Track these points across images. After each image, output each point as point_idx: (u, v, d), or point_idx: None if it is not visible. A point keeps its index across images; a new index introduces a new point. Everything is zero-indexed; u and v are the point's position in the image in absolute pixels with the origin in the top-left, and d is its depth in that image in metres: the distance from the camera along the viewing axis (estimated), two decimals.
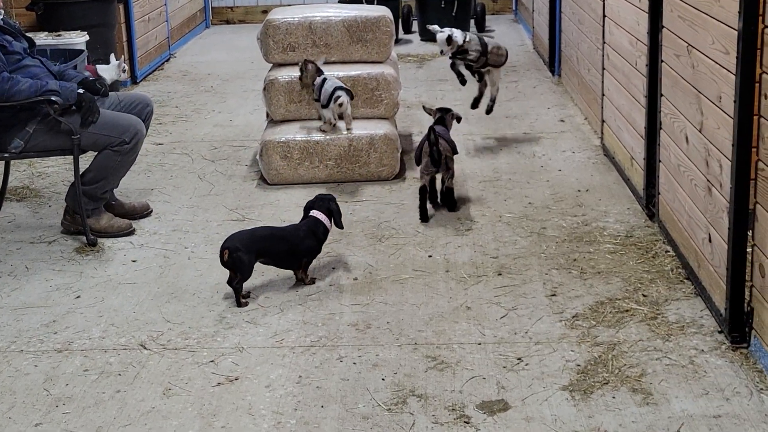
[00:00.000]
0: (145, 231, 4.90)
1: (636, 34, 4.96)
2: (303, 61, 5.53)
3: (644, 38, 4.76)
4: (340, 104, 5.38)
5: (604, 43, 5.76)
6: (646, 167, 4.81)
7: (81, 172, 4.73)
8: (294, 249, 4.13)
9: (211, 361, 3.58)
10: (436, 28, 5.87)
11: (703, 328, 3.68)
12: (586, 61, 6.50)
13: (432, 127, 4.98)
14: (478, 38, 5.92)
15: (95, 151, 4.75)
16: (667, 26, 4.32)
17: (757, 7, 3.28)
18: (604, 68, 5.79)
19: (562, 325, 3.75)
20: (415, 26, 10.30)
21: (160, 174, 5.82)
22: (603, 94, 5.85)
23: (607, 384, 3.31)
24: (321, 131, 5.52)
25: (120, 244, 4.74)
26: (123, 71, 6.66)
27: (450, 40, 5.74)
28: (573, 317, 3.81)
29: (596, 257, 4.36)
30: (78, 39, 6.95)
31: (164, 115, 7.18)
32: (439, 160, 4.88)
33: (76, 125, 4.60)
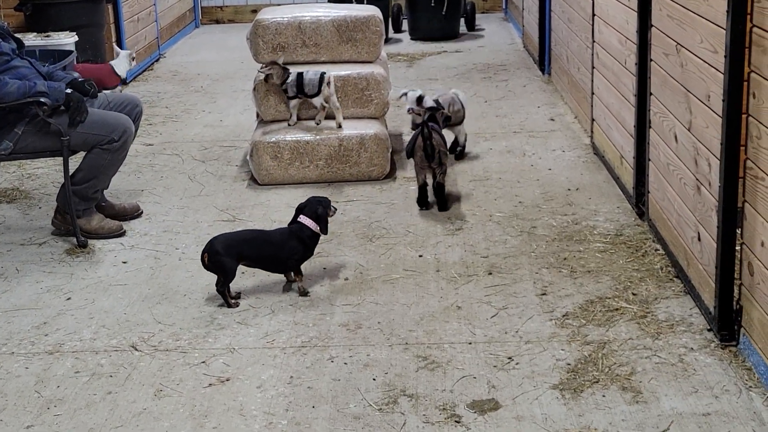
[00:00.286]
0: (135, 232, 4.89)
1: (625, 32, 4.98)
2: (267, 63, 5.56)
3: (633, 37, 4.77)
4: (328, 83, 5.42)
5: (594, 41, 5.78)
6: (636, 166, 4.82)
7: (71, 173, 4.72)
8: (277, 252, 4.08)
9: (203, 362, 3.58)
10: (405, 92, 5.45)
11: (692, 326, 3.70)
12: (576, 59, 6.52)
13: (425, 121, 5.00)
14: (435, 102, 5.47)
15: (84, 151, 4.75)
16: (656, 25, 4.33)
17: (744, 6, 3.29)
18: (593, 67, 5.81)
19: (552, 324, 3.76)
20: (405, 25, 10.30)
21: (150, 175, 5.81)
22: (593, 93, 5.87)
23: (597, 383, 3.33)
24: (317, 123, 5.54)
25: (111, 245, 4.73)
26: (132, 59, 6.92)
27: (420, 100, 5.31)
28: (563, 316, 3.82)
29: (586, 256, 4.38)
30: (67, 40, 6.93)
31: (154, 115, 7.17)
32: (433, 155, 4.90)
33: (64, 126, 4.59)
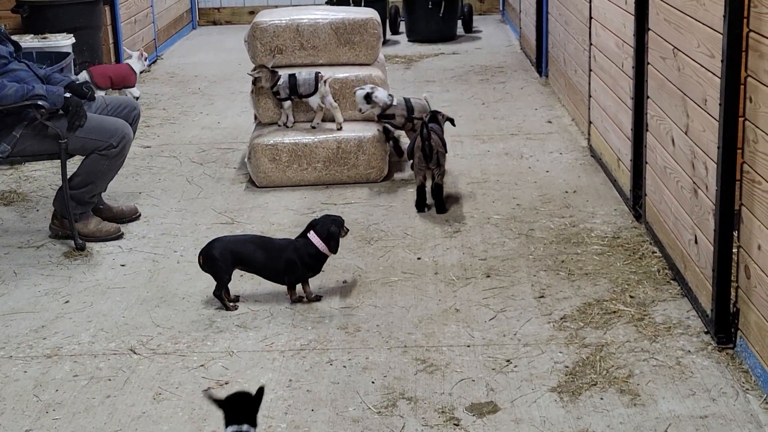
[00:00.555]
0: (133, 235, 4.90)
1: (622, 36, 4.99)
2: (256, 67, 5.57)
3: (630, 40, 4.79)
4: (325, 81, 5.44)
5: (591, 44, 5.79)
6: (633, 169, 4.84)
7: (69, 176, 4.72)
8: (273, 262, 3.98)
9: (201, 366, 3.58)
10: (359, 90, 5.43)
11: (689, 329, 3.71)
12: (573, 62, 6.53)
13: (425, 122, 5.01)
14: (405, 101, 5.55)
15: (83, 155, 4.75)
16: (653, 29, 4.34)
17: (741, 10, 3.31)
18: (590, 69, 5.82)
19: (550, 326, 3.78)
20: (402, 27, 10.32)
21: (148, 177, 5.81)
22: (590, 96, 5.88)
23: (595, 385, 3.34)
24: (313, 127, 5.56)
25: (108, 248, 4.73)
26: (145, 59, 7.24)
27: (369, 98, 5.36)
28: (561, 319, 3.83)
29: (584, 258, 4.39)
30: (64, 41, 6.93)
31: (151, 117, 7.17)
32: (431, 155, 4.91)
33: (63, 129, 4.60)
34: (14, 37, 5.16)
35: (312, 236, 4.01)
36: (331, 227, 4.00)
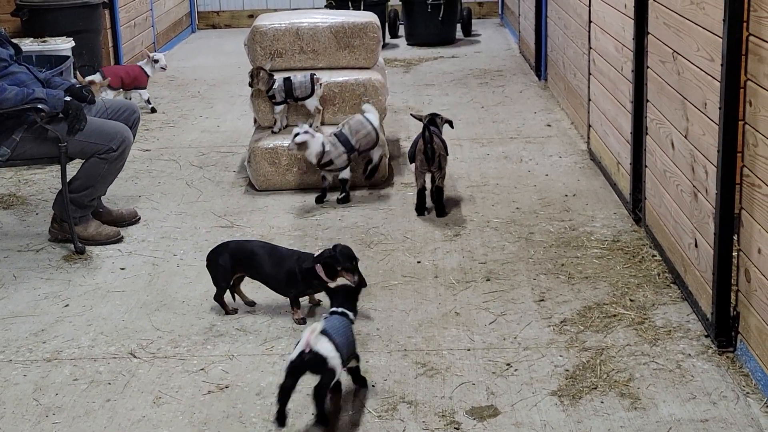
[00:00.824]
0: (133, 238, 4.89)
1: (622, 39, 5.00)
2: (253, 68, 5.57)
3: (630, 44, 4.79)
4: (321, 84, 5.47)
5: (590, 48, 5.79)
6: (633, 172, 4.84)
7: (68, 180, 4.72)
8: (275, 271, 3.89)
9: (202, 369, 3.58)
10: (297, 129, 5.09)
11: (689, 332, 3.71)
12: (572, 65, 6.53)
13: (426, 125, 5.01)
14: (337, 136, 5.16)
15: (82, 159, 4.75)
16: (652, 33, 4.35)
17: (741, 14, 3.31)
18: (590, 73, 5.83)
19: (550, 330, 3.77)
20: (401, 30, 10.32)
21: (147, 180, 5.81)
22: (589, 99, 5.88)
23: (595, 389, 3.34)
24: (316, 128, 5.55)
25: (108, 251, 4.73)
26: (155, 61, 7.34)
27: (303, 146, 5.01)
28: (561, 322, 3.83)
29: (584, 262, 4.39)
30: (64, 45, 6.93)
31: (151, 120, 7.17)
32: (433, 158, 4.91)
33: (63, 133, 4.59)
34: (14, 41, 5.15)
35: (316, 253, 3.88)
36: (333, 253, 3.79)
